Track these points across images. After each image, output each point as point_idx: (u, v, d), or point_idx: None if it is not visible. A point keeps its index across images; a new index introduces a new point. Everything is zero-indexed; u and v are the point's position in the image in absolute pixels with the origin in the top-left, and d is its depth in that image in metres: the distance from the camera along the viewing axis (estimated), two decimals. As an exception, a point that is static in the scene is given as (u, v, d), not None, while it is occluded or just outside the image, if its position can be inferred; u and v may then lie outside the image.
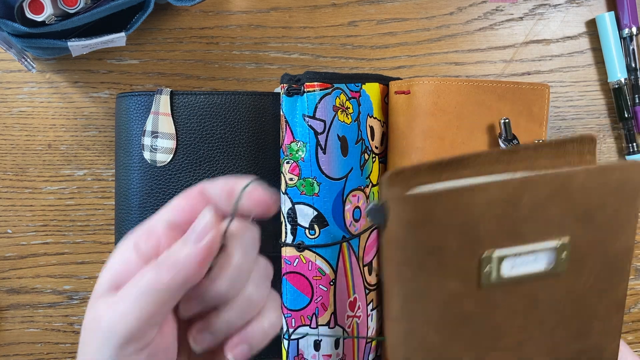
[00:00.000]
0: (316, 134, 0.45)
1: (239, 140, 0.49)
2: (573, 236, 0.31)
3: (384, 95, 0.51)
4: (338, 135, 0.46)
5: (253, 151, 0.49)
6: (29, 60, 0.48)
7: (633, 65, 0.56)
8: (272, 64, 0.54)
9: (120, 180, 0.49)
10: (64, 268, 0.53)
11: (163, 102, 0.47)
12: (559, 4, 0.57)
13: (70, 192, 0.53)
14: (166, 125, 0.47)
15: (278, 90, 0.50)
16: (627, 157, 0.56)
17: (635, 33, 0.55)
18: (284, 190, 0.46)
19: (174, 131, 0.48)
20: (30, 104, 0.53)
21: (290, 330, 0.46)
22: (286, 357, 0.46)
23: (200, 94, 0.48)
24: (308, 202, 0.45)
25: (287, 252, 0.46)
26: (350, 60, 0.55)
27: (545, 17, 0.57)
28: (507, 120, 0.48)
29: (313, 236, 0.46)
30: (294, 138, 0.45)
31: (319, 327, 0.46)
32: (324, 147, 0.45)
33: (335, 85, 0.46)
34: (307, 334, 0.46)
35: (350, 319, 0.48)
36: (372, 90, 0.50)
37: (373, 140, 0.50)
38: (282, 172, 0.46)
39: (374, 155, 0.50)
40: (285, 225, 0.46)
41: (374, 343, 0.50)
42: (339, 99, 0.46)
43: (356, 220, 0.47)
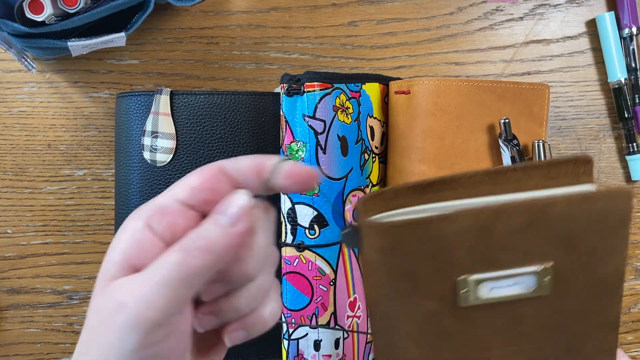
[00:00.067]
0: (316, 134, 0.45)
1: (239, 140, 0.49)
2: (556, 261, 0.29)
3: (384, 95, 0.51)
4: (338, 135, 0.46)
5: (253, 151, 0.49)
6: (28, 60, 0.48)
7: (633, 65, 0.56)
8: (272, 64, 0.54)
9: (120, 180, 0.49)
10: (64, 268, 0.53)
11: (163, 102, 0.47)
12: (559, 4, 0.57)
13: (70, 192, 0.53)
14: (166, 125, 0.47)
15: (278, 90, 0.50)
16: (627, 157, 0.56)
17: (635, 33, 0.55)
18: (284, 190, 0.46)
19: (173, 131, 0.48)
20: (30, 104, 0.53)
21: (290, 331, 0.46)
22: (286, 357, 0.46)
23: (200, 94, 0.48)
24: (308, 202, 0.45)
25: (287, 252, 0.46)
26: (350, 60, 0.55)
27: (545, 17, 0.57)
28: (507, 120, 0.48)
29: (313, 236, 0.46)
30: (294, 138, 0.45)
31: (319, 327, 0.46)
32: (324, 147, 0.45)
33: (335, 85, 0.46)
34: (307, 334, 0.46)
35: (350, 319, 0.48)
36: (372, 90, 0.50)
37: (373, 140, 0.50)
38: (282, 172, 0.46)
39: (374, 155, 0.50)
40: (285, 225, 0.46)
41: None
42: (339, 99, 0.46)
43: (356, 221, 0.47)
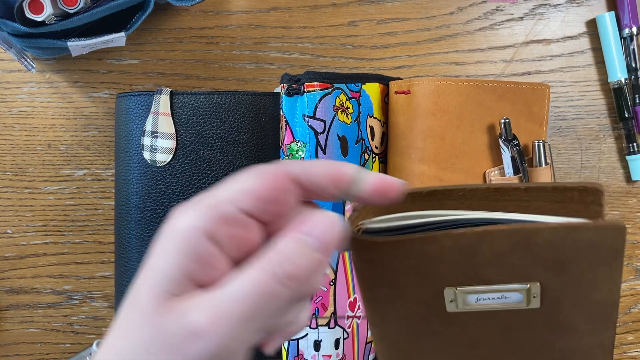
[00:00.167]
0: (316, 134, 0.45)
1: (239, 140, 0.49)
2: (544, 281, 0.29)
3: (384, 95, 0.51)
4: (338, 135, 0.46)
5: (253, 151, 0.49)
6: (28, 60, 0.48)
7: (633, 65, 0.56)
8: (272, 64, 0.54)
9: (120, 180, 0.49)
10: (64, 268, 0.53)
11: (163, 102, 0.47)
12: (559, 4, 0.57)
13: (70, 192, 0.53)
14: (166, 125, 0.47)
15: (278, 90, 0.50)
16: (628, 157, 0.56)
17: (635, 33, 0.55)
18: (284, 190, 0.46)
19: (173, 131, 0.48)
20: (30, 103, 0.53)
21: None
22: (286, 357, 0.46)
23: (200, 94, 0.48)
24: (308, 202, 0.45)
25: (287, 252, 0.46)
26: (350, 60, 0.55)
27: (545, 17, 0.57)
28: (507, 120, 0.48)
29: (313, 236, 0.45)
30: (294, 138, 0.45)
31: (319, 327, 0.46)
32: (324, 147, 0.45)
33: (335, 85, 0.46)
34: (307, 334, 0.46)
35: (350, 319, 0.47)
36: (372, 90, 0.50)
37: (373, 140, 0.50)
38: (282, 172, 0.46)
39: (374, 155, 0.50)
40: (285, 225, 0.46)
41: (374, 344, 0.50)
42: (339, 98, 0.46)
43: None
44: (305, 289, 0.24)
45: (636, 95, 0.56)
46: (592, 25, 0.57)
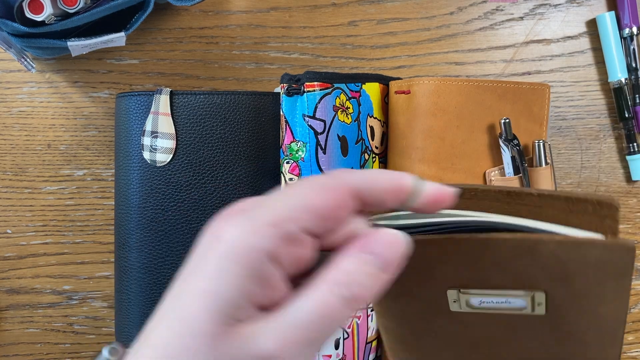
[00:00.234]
0: (316, 133, 0.45)
1: (239, 140, 0.49)
2: (550, 291, 0.28)
3: (384, 95, 0.51)
4: (338, 135, 0.46)
5: (253, 151, 0.49)
6: (28, 60, 0.48)
7: (633, 65, 0.56)
8: (272, 63, 0.54)
9: (120, 180, 0.49)
10: (64, 268, 0.53)
11: (163, 102, 0.47)
12: (560, 4, 0.57)
13: (69, 192, 0.53)
14: (166, 125, 0.47)
15: (278, 90, 0.50)
16: (628, 157, 0.56)
17: (635, 33, 0.55)
18: (283, 190, 0.46)
19: (173, 131, 0.47)
20: (30, 103, 0.53)
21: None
22: (286, 358, 0.46)
23: (200, 94, 0.48)
24: (308, 202, 0.45)
25: (287, 252, 0.46)
26: (350, 60, 0.55)
27: (545, 17, 0.57)
28: (508, 120, 0.48)
29: (313, 236, 0.45)
30: (294, 138, 0.45)
31: None
32: (324, 147, 0.45)
33: (335, 85, 0.46)
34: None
35: (350, 319, 0.47)
36: (372, 90, 0.50)
37: (373, 140, 0.50)
38: (282, 172, 0.46)
39: (374, 155, 0.50)
40: (285, 225, 0.46)
41: (374, 344, 0.50)
42: (339, 98, 0.46)
43: None
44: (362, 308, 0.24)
45: (636, 95, 0.56)
46: (592, 25, 0.57)
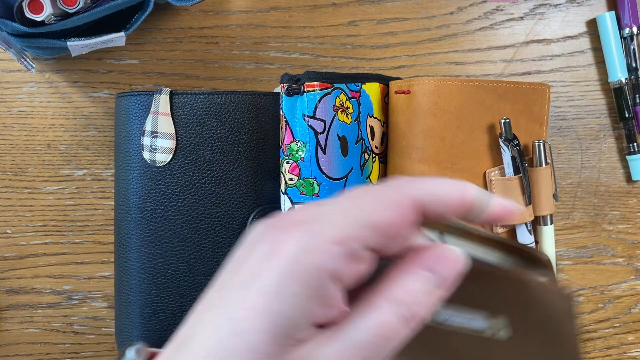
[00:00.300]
0: (316, 133, 0.45)
1: (239, 140, 0.49)
2: (511, 317, 0.29)
3: (384, 95, 0.51)
4: (338, 135, 0.46)
5: (253, 151, 0.49)
6: (28, 60, 0.48)
7: (634, 65, 0.56)
8: (272, 63, 0.54)
9: (120, 180, 0.48)
10: (64, 268, 0.53)
11: (162, 102, 0.47)
12: (560, 4, 0.57)
13: (69, 192, 0.53)
14: (166, 125, 0.47)
15: (278, 90, 0.50)
16: (628, 157, 0.56)
17: (635, 33, 0.55)
18: (283, 191, 0.46)
19: (173, 131, 0.47)
20: (30, 103, 0.53)
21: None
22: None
23: (200, 94, 0.48)
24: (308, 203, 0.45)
25: (287, 252, 0.46)
26: (350, 60, 0.55)
27: (545, 17, 0.57)
28: (508, 120, 0.48)
29: (313, 236, 0.45)
30: (293, 138, 0.45)
31: None
32: (324, 147, 0.45)
33: (335, 85, 0.46)
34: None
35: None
36: (372, 90, 0.50)
37: (373, 140, 0.50)
38: (282, 172, 0.46)
39: (374, 155, 0.50)
40: (285, 225, 0.46)
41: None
42: (339, 98, 0.46)
43: None
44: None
45: (636, 95, 0.56)
46: (593, 25, 0.57)
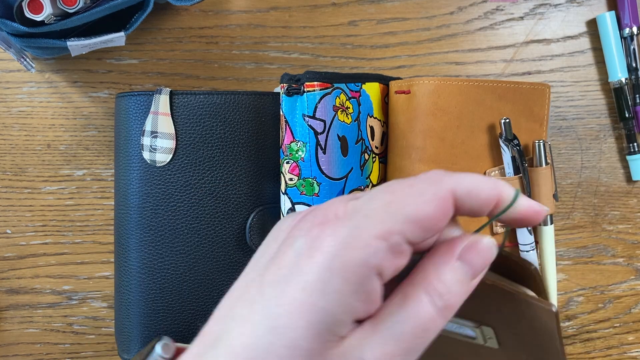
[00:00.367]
0: (316, 133, 0.45)
1: (239, 140, 0.49)
2: (496, 329, 0.29)
3: (384, 95, 0.51)
4: (338, 135, 0.46)
5: (253, 151, 0.49)
6: (28, 60, 0.48)
7: (634, 65, 0.56)
8: (272, 63, 0.54)
9: (120, 180, 0.48)
10: (63, 268, 0.53)
11: (162, 102, 0.47)
12: (560, 4, 0.57)
13: (69, 192, 0.53)
14: (165, 125, 0.47)
15: (278, 90, 0.50)
16: (628, 157, 0.56)
17: (635, 33, 0.55)
18: (283, 191, 0.46)
19: (173, 131, 0.47)
20: (30, 103, 0.53)
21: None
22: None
23: (199, 94, 0.48)
24: (308, 203, 0.45)
25: (287, 253, 0.46)
26: (350, 60, 0.55)
27: (545, 17, 0.56)
28: (508, 120, 0.48)
29: (313, 236, 0.45)
30: (293, 138, 0.45)
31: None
32: (324, 147, 0.45)
33: (335, 85, 0.46)
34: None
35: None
36: (372, 90, 0.50)
37: (373, 140, 0.50)
38: (282, 172, 0.46)
39: (374, 155, 0.50)
40: (285, 225, 0.46)
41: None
42: (339, 98, 0.46)
43: None
44: None
45: (636, 95, 0.56)
46: (593, 25, 0.57)
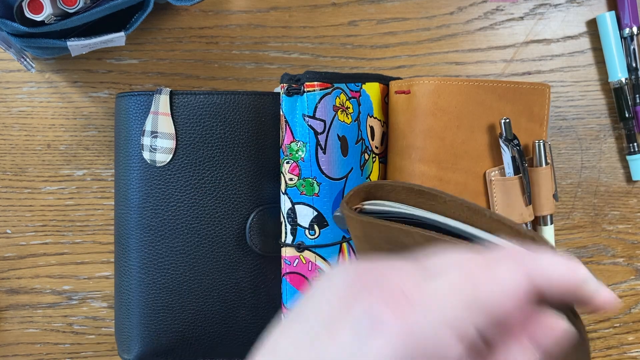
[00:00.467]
0: (316, 133, 0.45)
1: (239, 140, 0.49)
2: None
3: (384, 95, 0.51)
4: (338, 135, 0.46)
5: (253, 151, 0.49)
6: (28, 60, 0.48)
7: (634, 65, 0.56)
8: (272, 63, 0.54)
9: (120, 180, 0.48)
10: (63, 268, 0.53)
11: (162, 102, 0.47)
12: (560, 4, 0.57)
13: (69, 192, 0.53)
14: (166, 125, 0.47)
15: (278, 90, 0.50)
16: (628, 157, 0.56)
17: (635, 33, 0.55)
18: (283, 191, 0.46)
19: (173, 131, 0.47)
20: (30, 103, 0.53)
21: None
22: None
23: (199, 94, 0.48)
24: (308, 202, 0.45)
25: (287, 253, 0.46)
26: (350, 60, 0.55)
27: (545, 17, 0.56)
28: (508, 120, 0.48)
29: (313, 236, 0.45)
30: (293, 138, 0.45)
31: None
32: (324, 147, 0.45)
33: (335, 85, 0.46)
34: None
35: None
36: (372, 90, 0.50)
37: (373, 140, 0.50)
38: (282, 172, 0.46)
39: (374, 155, 0.50)
40: (285, 225, 0.46)
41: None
42: (339, 98, 0.46)
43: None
44: None
45: (636, 95, 0.56)
46: (593, 25, 0.57)
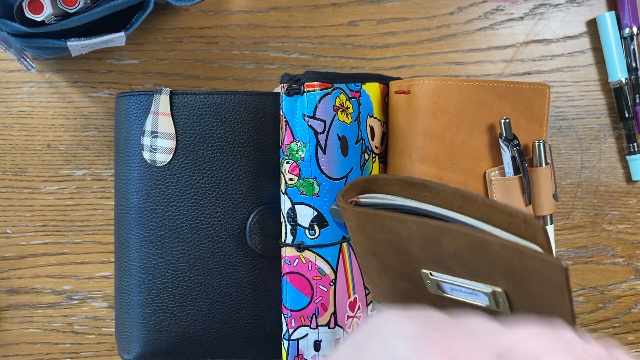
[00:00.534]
0: (316, 133, 0.45)
1: (239, 140, 0.49)
2: (509, 291, 0.30)
3: (384, 95, 0.51)
4: (338, 135, 0.46)
5: (253, 151, 0.49)
6: (28, 60, 0.48)
7: (634, 65, 0.56)
8: (272, 63, 0.54)
9: (120, 180, 0.48)
10: (64, 268, 0.53)
11: (163, 102, 0.47)
12: (560, 4, 0.57)
13: (69, 192, 0.53)
14: (166, 125, 0.47)
15: (278, 90, 0.50)
16: (628, 157, 0.56)
17: (635, 33, 0.55)
18: (283, 191, 0.46)
19: (173, 131, 0.47)
20: (30, 103, 0.53)
21: (290, 331, 0.46)
22: (286, 358, 0.46)
23: (200, 94, 0.48)
24: (308, 202, 0.45)
25: (287, 253, 0.46)
26: (350, 60, 0.55)
27: (545, 17, 0.56)
28: (508, 120, 0.48)
29: (313, 236, 0.45)
30: (293, 138, 0.45)
31: (319, 328, 0.46)
32: (324, 147, 0.45)
33: (335, 85, 0.46)
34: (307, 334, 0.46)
35: (351, 319, 0.47)
36: (372, 90, 0.50)
37: (373, 140, 0.50)
38: (282, 172, 0.46)
39: (374, 155, 0.50)
40: (285, 225, 0.46)
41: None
42: (339, 98, 0.46)
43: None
44: None
45: (636, 95, 0.56)
46: (593, 25, 0.57)
